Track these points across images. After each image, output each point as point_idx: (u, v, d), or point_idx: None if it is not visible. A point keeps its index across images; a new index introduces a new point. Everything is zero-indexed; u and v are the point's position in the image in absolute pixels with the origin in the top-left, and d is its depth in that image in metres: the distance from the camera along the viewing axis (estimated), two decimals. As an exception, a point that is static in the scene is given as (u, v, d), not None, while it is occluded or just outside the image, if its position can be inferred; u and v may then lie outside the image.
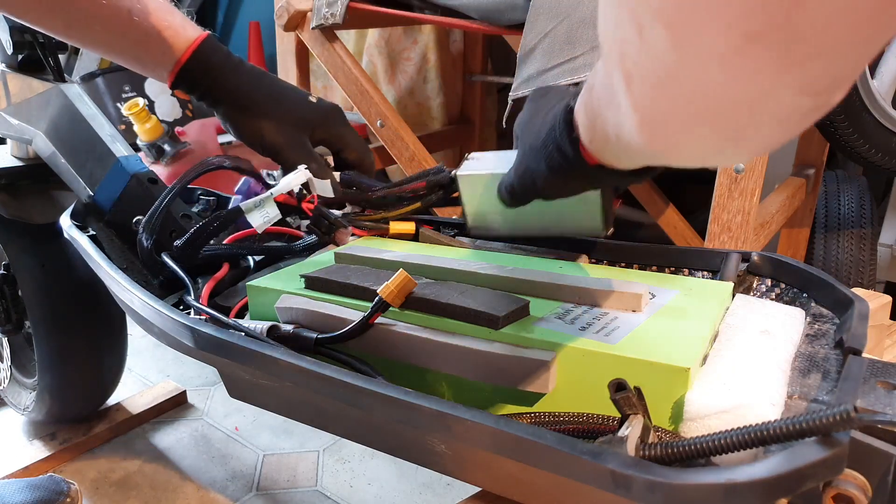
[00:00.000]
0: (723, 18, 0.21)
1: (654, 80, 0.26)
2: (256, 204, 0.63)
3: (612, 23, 0.28)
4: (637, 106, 0.29)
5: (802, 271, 0.55)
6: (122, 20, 0.67)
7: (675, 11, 0.23)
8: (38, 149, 0.87)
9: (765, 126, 0.26)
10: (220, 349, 0.49)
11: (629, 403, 0.35)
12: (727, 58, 0.23)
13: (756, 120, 0.26)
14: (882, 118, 1.03)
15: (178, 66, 0.69)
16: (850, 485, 0.32)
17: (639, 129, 0.29)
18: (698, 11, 0.22)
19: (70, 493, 0.88)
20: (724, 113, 0.26)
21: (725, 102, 0.25)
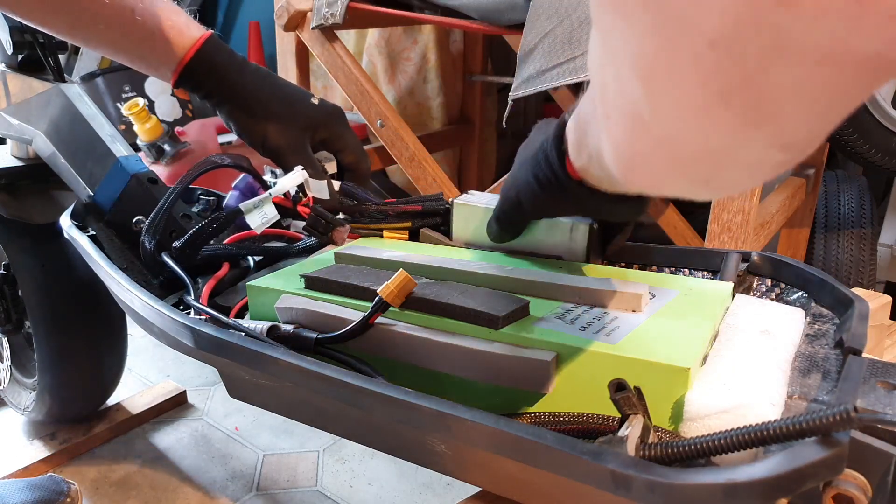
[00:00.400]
0: (695, 76, 0.22)
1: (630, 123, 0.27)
2: (255, 205, 0.63)
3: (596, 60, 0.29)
4: (613, 143, 0.29)
5: (802, 271, 0.55)
6: (126, 19, 0.67)
7: (651, 65, 0.23)
8: (38, 149, 0.87)
9: (736, 174, 0.27)
10: (220, 349, 0.49)
11: (629, 403, 0.35)
12: (699, 113, 0.23)
13: (727, 168, 0.26)
14: (882, 118, 1.03)
15: (181, 65, 0.69)
16: (851, 485, 0.32)
17: (615, 163, 0.30)
18: (672, 68, 0.22)
19: (70, 493, 0.88)
20: (696, 160, 0.26)
21: (697, 152, 0.25)
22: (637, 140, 0.27)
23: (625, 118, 0.27)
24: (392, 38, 1.82)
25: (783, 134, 0.23)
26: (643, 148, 0.27)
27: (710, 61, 0.21)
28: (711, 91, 0.22)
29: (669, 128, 0.25)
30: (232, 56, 0.71)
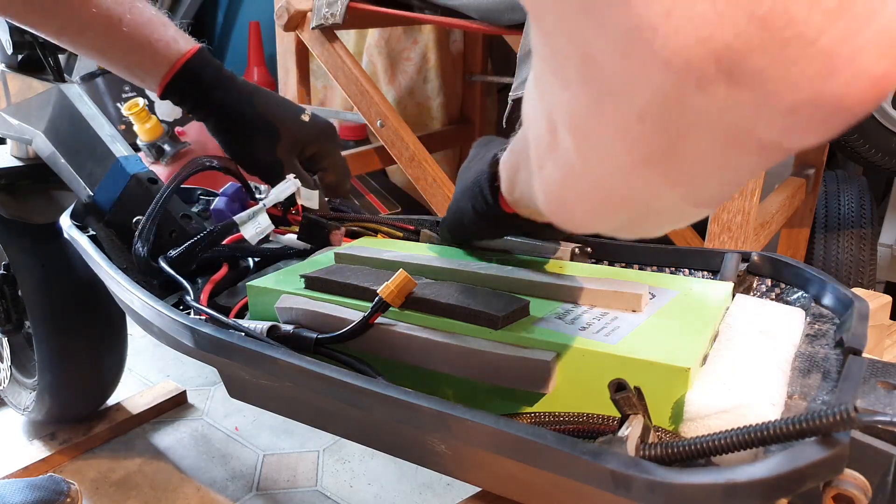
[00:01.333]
0: (623, 143, 0.24)
1: (560, 173, 0.30)
2: (249, 216, 0.64)
3: (531, 108, 0.31)
4: (544, 188, 0.32)
5: (802, 271, 0.54)
6: (114, 29, 0.67)
7: (584, 126, 0.26)
8: (38, 149, 0.87)
9: (656, 221, 0.31)
10: (220, 349, 0.49)
11: (629, 403, 0.35)
12: (625, 172, 0.26)
13: (648, 217, 0.30)
14: (882, 118, 1.03)
15: (166, 78, 0.69)
16: (851, 485, 0.32)
17: (545, 205, 0.33)
18: (603, 133, 0.25)
19: (70, 493, 0.88)
20: (620, 209, 0.29)
21: (621, 202, 0.28)
22: (567, 188, 0.30)
23: (556, 167, 0.30)
24: (392, 38, 1.82)
25: (696, 194, 0.27)
26: (572, 195, 0.30)
27: (637, 132, 0.24)
28: (637, 155, 0.25)
29: (598, 181, 0.28)
30: (219, 72, 0.71)
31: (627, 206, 0.29)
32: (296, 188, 0.66)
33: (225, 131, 0.72)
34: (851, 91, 0.20)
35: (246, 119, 0.71)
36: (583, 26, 0.22)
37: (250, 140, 0.71)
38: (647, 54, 0.21)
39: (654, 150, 0.24)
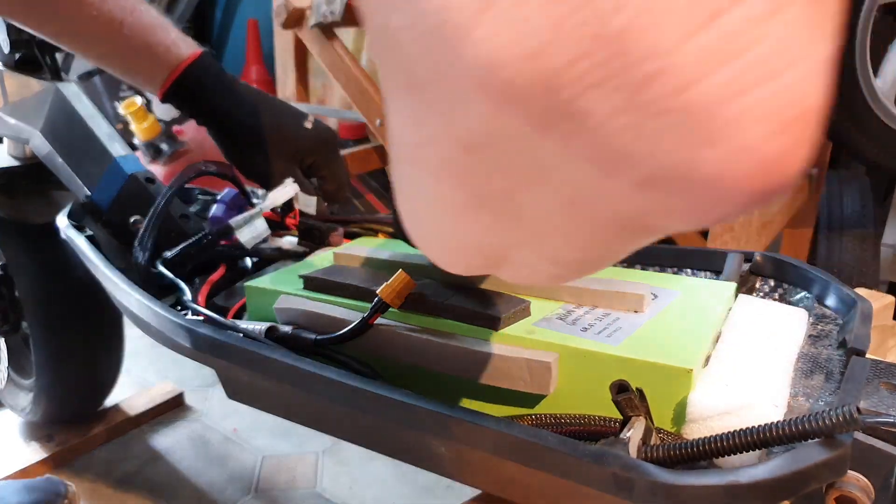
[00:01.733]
0: (448, 173, 0.20)
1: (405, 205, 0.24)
2: (245, 220, 0.63)
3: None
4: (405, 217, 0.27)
5: (805, 272, 0.54)
6: (114, 33, 0.66)
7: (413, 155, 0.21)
8: (36, 148, 0.87)
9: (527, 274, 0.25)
10: (218, 350, 0.48)
11: (631, 405, 0.35)
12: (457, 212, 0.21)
13: (513, 268, 0.24)
14: (885, 117, 1.03)
15: (167, 83, 0.69)
16: (853, 486, 0.32)
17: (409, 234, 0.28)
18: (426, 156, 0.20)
19: (68, 494, 0.88)
20: (470, 253, 0.24)
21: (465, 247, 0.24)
22: (411, 217, 0.25)
23: (399, 188, 0.24)
24: (392, 38, 1.82)
25: (552, 257, 0.22)
26: (423, 233, 0.25)
27: (464, 165, 0.19)
28: (468, 195, 0.20)
29: (431, 216, 0.23)
30: (220, 77, 0.71)
31: (474, 251, 0.23)
32: (294, 193, 0.66)
33: (225, 137, 0.72)
34: (733, 172, 0.15)
35: (246, 126, 0.70)
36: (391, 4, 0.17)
37: (250, 147, 0.71)
38: (457, 62, 0.16)
39: (487, 193, 0.20)
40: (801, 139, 0.15)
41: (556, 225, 0.19)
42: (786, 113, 0.15)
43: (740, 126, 0.14)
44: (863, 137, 1.04)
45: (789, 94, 0.14)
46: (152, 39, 0.67)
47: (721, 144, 0.15)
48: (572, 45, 0.14)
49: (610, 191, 0.16)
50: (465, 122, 0.17)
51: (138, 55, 0.68)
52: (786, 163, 0.15)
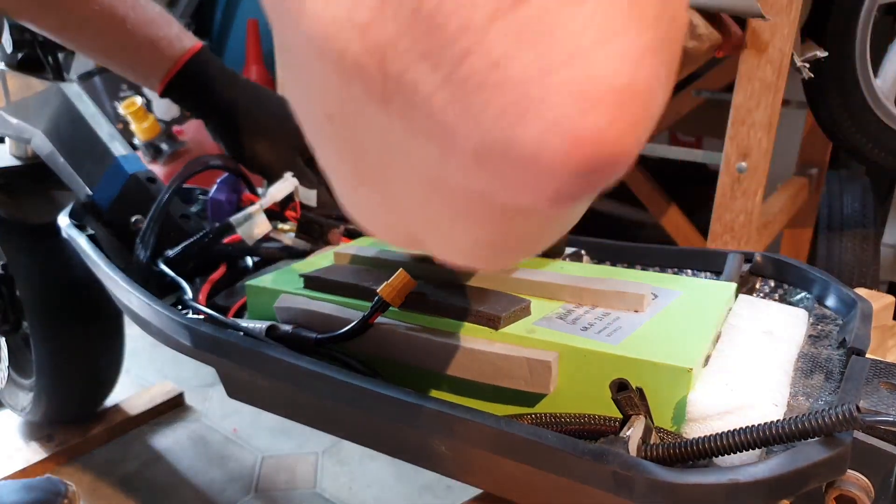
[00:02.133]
0: (323, 140, 0.21)
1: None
2: (246, 217, 0.63)
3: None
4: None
5: (805, 272, 0.54)
6: (117, 28, 0.66)
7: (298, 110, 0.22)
8: (37, 148, 0.87)
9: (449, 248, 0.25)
10: (218, 349, 0.48)
11: (631, 404, 0.35)
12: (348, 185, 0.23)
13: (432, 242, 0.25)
14: (885, 117, 1.03)
15: (168, 76, 0.69)
16: (853, 486, 0.32)
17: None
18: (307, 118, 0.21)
19: (67, 494, 0.88)
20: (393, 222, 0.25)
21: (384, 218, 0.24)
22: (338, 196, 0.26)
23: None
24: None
25: (434, 241, 0.23)
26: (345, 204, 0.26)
27: (329, 133, 0.20)
28: (348, 169, 0.21)
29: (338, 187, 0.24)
30: (221, 70, 0.71)
31: (386, 227, 0.24)
32: (293, 187, 0.66)
33: (227, 129, 0.71)
34: (547, 148, 0.15)
35: (248, 116, 0.70)
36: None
37: (252, 138, 0.71)
38: (298, 32, 0.16)
39: (363, 169, 0.20)
40: (616, 117, 0.15)
41: (426, 203, 0.20)
42: (593, 91, 0.15)
43: (550, 103, 0.15)
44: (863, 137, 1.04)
45: (596, 73, 0.15)
46: (154, 33, 0.68)
47: (533, 121, 0.15)
48: (395, 21, 0.15)
49: (452, 166, 0.17)
50: (319, 91, 0.18)
51: (140, 49, 0.68)
52: (603, 140, 0.15)
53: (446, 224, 0.21)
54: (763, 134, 0.87)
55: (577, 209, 0.23)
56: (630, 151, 0.16)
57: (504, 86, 0.15)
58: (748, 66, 0.85)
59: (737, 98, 0.87)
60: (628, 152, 0.16)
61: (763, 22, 0.82)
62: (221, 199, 0.70)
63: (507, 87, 0.15)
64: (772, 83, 0.85)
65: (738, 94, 0.87)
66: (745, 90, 0.86)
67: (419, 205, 0.20)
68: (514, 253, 0.24)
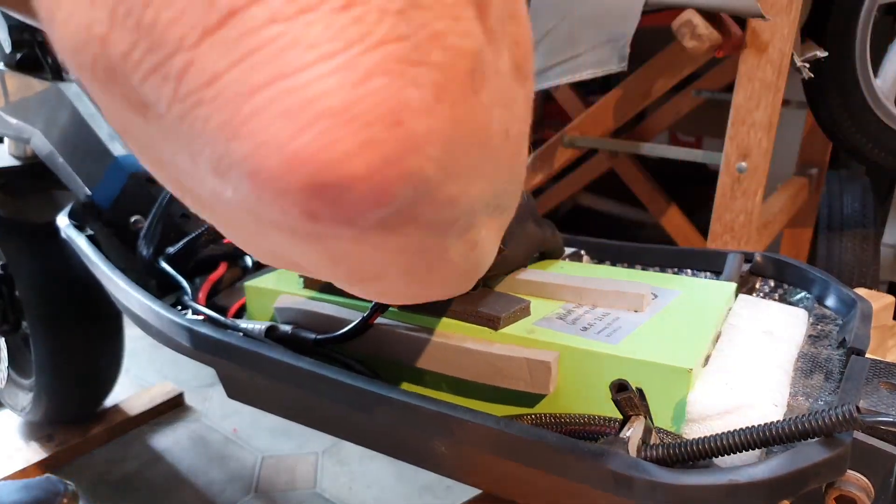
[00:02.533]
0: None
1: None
2: None
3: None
4: None
5: (805, 272, 0.54)
6: None
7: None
8: (37, 148, 0.87)
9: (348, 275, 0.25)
10: (218, 349, 0.48)
11: (631, 404, 0.35)
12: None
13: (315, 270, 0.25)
14: (885, 117, 1.03)
15: None
16: (853, 486, 0.32)
17: None
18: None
19: (67, 493, 0.88)
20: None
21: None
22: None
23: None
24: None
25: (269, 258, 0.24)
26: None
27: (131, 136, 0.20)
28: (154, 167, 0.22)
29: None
30: None
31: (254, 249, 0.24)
32: None
33: None
34: (263, 166, 0.16)
35: None
36: None
37: None
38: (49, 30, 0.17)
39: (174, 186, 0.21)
40: (335, 139, 0.15)
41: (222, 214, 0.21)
42: (302, 111, 0.15)
43: (260, 122, 0.15)
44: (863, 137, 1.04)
45: (306, 94, 0.15)
46: None
47: (246, 139, 0.15)
48: (126, 34, 0.15)
49: (205, 178, 0.17)
50: (97, 99, 0.18)
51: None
52: (322, 161, 0.15)
53: (276, 244, 0.21)
54: (763, 134, 0.87)
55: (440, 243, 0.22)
56: (381, 171, 0.16)
57: (218, 102, 0.15)
58: (748, 66, 0.85)
59: (737, 98, 0.87)
60: (376, 172, 0.16)
61: (763, 22, 0.82)
62: None
63: (220, 103, 0.15)
64: (772, 83, 0.85)
65: (738, 94, 0.87)
66: (745, 90, 0.86)
67: (237, 223, 0.21)
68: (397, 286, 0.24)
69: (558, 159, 1.22)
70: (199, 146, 0.16)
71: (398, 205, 0.17)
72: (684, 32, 0.84)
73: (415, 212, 0.18)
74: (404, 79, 0.15)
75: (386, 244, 0.19)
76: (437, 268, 0.24)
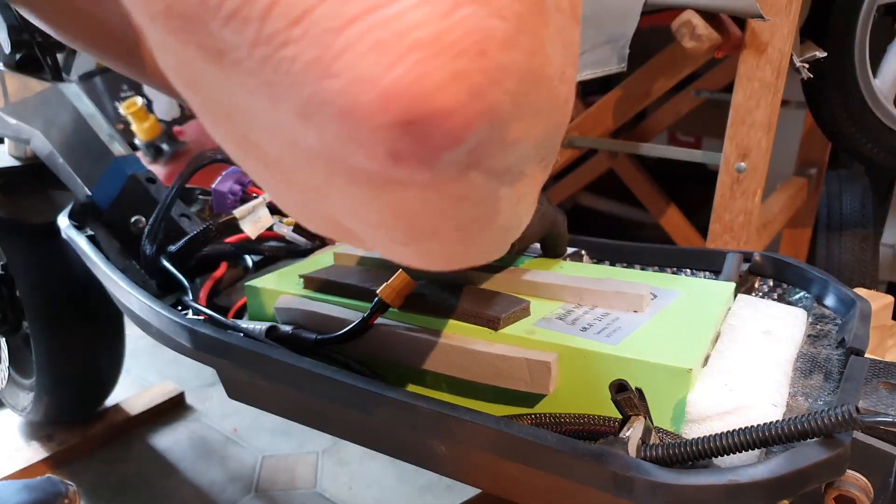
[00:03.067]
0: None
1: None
2: (249, 210, 0.63)
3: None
4: None
5: (804, 272, 0.54)
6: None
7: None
8: (36, 148, 0.87)
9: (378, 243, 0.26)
10: (218, 350, 0.48)
11: (630, 404, 0.35)
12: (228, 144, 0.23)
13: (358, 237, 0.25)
14: (884, 117, 1.03)
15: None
16: (852, 486, 0.32)
17: None
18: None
19: (68, 494, 0.87)
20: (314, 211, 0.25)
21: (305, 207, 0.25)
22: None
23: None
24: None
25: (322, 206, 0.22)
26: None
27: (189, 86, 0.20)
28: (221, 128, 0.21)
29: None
30: None
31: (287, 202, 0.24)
32: None
33: None
34: (357, 102, 0.15)
35: None
36: None
37: None
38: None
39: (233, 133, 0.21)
40: (428, 71, 0.15)
41: (308, 173, 0.20)
42: (395, 44, 0.15)
43: (353, 57, 0.15)
44: (862, 137, 1.04)
45: (397, 26, 0.14)
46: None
47: (338, 75, 0.15)
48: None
49: (288, 124, 0.17)
50: (171, 55, 0.18)
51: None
52: (416, 94, 0.15)
53: (341, 198, 0.20)
54: (762, 134, 0.87)
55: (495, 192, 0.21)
56: (466, 105, 0.16)
57: (306, 39, 0.15)
58: (747, 67, 0.85)
59: (736, 98, 0.87)
60: (462, 107, 0.16)
61: (762, 22, 0.82)
62: (224, 191, 0.70)
63: (309, 40, 0.15)
64: (771, 83, 0.85)
65: (737, 94, 0.87)
66: (744, 90, 0.86)
67: (305, 176, 0.20)
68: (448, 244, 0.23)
69: (558, 159, 1.22)
70: (283, 89, 0.16)
71: (473, 143, 0.17)
72: (684, 33, 0.84)
73: (484, 153, 0.18)
74: (489, 8, 0.15)
75: (451, 191, 0.19)
76: (488, 223, 0.24)
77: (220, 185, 0.71)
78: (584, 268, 0.57)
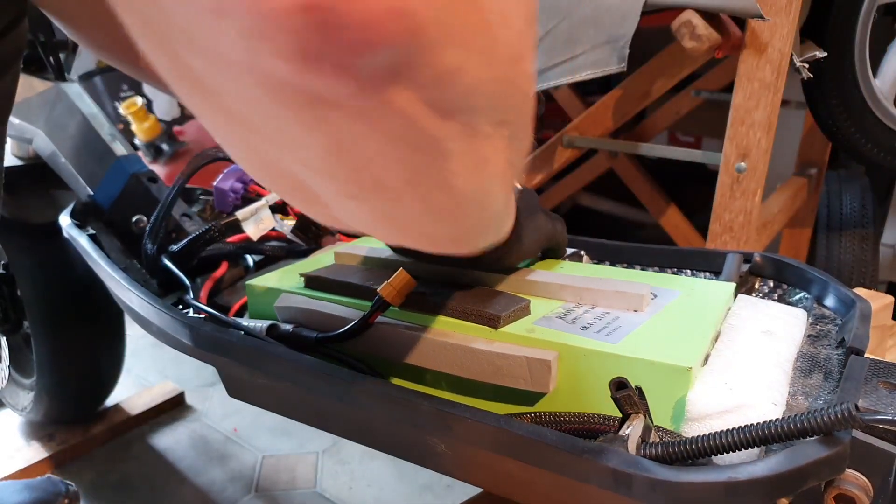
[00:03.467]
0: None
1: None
2: (252, 212, 0.64)
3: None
4: None
5: (804, 272, 0.54)
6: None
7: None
8: (39, 148, 0.87)
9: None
10: (219, 348, 0.49)
11: (630, 403, 0.35)
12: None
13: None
14: (884, 117, 1.03)
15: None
16: (852, 485, 0.32)
17: None
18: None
19: (68, 494, 0.88)
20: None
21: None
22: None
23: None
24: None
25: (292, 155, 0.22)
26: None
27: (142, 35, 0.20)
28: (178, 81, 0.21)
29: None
30: None
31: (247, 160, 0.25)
32: None
33: None
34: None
35: None
36: None
37: None
38: None
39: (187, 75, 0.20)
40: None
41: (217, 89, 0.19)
42: None
43: None
44: (862, 137, 1.04)
45: None
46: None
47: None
48: None
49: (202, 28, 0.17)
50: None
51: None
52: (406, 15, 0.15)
53: (278, 132, 0.20)
54: (762, 134, 0.87)
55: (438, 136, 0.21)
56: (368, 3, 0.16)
57: None
58: (747, 67, 0.85)
59: (736, 98, 0.87)
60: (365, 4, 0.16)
61: (762, 22, 0.82)
62: (225, 188, 0.70)
63: None
64: (771, 83, 0.85)
65: (737, 94, 0.87)
66: (744, 90, 0.86)
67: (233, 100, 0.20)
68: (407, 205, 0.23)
69: (558, 159, 1.22)
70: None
71: (394, 53, 0.17)
72: (684, 33, 0.84)
73: (411, 68, 0.17)
74: None
75: (383, 122, 0.19)
76: (440, 178, 0.23)
77: (222, 183, 0.71)
78: (585, 268, 0.57)
